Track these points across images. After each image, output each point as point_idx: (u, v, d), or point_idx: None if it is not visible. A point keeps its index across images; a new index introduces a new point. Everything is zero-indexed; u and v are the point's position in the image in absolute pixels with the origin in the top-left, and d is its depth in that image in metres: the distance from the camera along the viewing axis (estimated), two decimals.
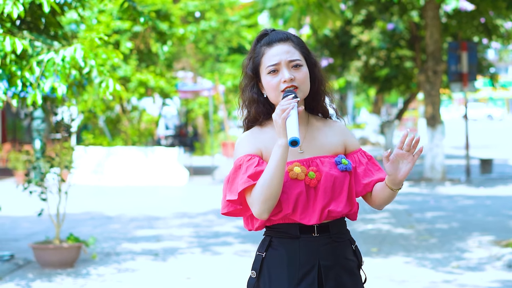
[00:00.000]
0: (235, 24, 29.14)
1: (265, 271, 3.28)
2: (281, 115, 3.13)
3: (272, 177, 3.13)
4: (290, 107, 3.13)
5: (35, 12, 8.31)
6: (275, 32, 3.36)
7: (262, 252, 3.31)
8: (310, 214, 3.24)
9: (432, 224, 12.25)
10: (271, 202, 3.16)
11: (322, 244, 3.26)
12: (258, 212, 3.17)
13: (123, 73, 20.62)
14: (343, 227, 3.35)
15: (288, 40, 3.32)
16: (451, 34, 23.96)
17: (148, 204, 15.64)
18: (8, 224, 12.81)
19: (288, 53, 3.28)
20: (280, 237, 3.28)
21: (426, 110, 19.87)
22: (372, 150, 35.55)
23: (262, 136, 3.32)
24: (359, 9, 23.18)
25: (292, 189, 3.21)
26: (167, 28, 20.90)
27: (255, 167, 3.21)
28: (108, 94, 7.89)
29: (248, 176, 3.18)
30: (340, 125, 3.44)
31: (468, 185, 18.51)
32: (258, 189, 3.15)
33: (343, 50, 27.13)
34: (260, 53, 3.33)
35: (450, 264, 9.04)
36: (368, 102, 54.83)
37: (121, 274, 8.74)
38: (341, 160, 3.30)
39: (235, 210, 3.29)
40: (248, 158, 3.25)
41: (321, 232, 3.27)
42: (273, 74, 3.27)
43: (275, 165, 3.13)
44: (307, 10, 12.29)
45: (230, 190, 3.25)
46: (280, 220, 3.27)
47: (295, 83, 3.26)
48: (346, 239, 3.35)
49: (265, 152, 3.28)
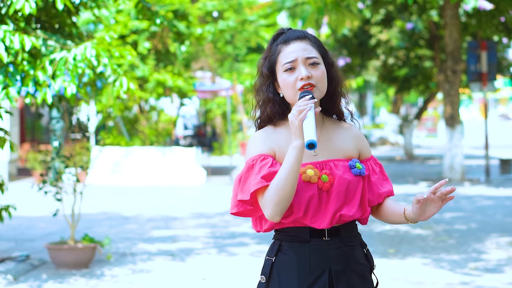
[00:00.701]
0: (254, 24, 29.08)
1: (275, 276, 3.21)
2: (298, 116, 3.03)
3: (286, 179, 3.04)
4: (308, 108, 3.04)
5: (49, 11, 8.30)
6: (292, 30, 3.29)
7: (272, 256, 3.23)
8: (322, 218, 3.16)
9: (451, 225, 12.14)
10: (284, 205, 3.07)
11: (333, 248, 3.19)
12: (271, 214, 3.09)
13: (141, 73, 20.62)
14: (354, 231, 3.28)
15: (306, 38, 3.25)
16: (471, 33, 23.79)
17: (166, 204, 15.62)
18: (24, 224, 12.82)
19: (305, 51, 3.20)
20: (290, 241, 3.20)
21: (445, 110, 19.72)
22: (391, 150, 35.41)
23: (276, 136, 3.23)
24: (378, 8, 23.07)
25: (304, 192, 3.13)
26: (184, 28, 20.89)
27: (268, 167, 3.12)
28: (123, 93, 7.86)
29: (261, 176, 3.09)
30: (355, 129, 3.37)
31: (487, 186, 18.36)
32: (271, 191, 3.06)
33: (362, 49, 27.01)
34: (276, 52, 3.25)
35: (468, 266, 8.93)
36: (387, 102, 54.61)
37: (135, 275, 8.70)
38: (355, 164, 3.23)
39: (245, 211, 3.21)
40: (261, 158, 3.16)
41: (332, 236, 3.19)
42: (289, 72, 3.19)
43: (289, 166, 3.04)
44: (324, 10, 12.22)
45: (242, 190, 3.17)
46: (291, 224, 3.19)
47: (312, 81, 3.17)
48: (358, 242, 3.28)
49: (278, 152, 3.20)
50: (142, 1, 8.88)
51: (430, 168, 24.16)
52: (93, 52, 7.30)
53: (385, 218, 3.32)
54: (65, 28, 8.60)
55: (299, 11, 24.93)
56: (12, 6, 7.21)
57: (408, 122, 29.36)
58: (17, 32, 7.24)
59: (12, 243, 10.88)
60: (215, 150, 31.80)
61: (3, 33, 7.23)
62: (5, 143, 8.08)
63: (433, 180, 19.51)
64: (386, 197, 3.33)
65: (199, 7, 24.05)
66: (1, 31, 7.24)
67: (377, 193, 3.29)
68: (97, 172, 20.08)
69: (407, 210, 3.18)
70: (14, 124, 21.79)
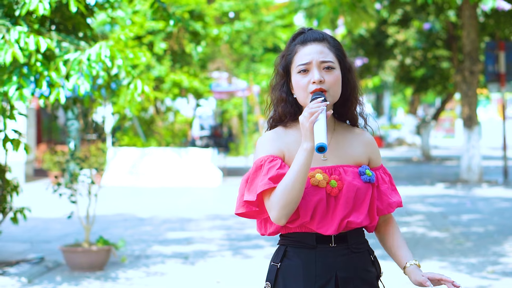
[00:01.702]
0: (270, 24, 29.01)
1: (280, 283, 3.15)
2: (309, 118, 2.98)
3: (294, 181, 2.98)
4: (319, 110, 2.98)
5: (64, 13, 8.27)
6: (311, 31, 3.22)
7: (277, 262, 3.18)
8: (328, 224, 3.10)
9: (468, 227, 12.03)
10: (291, 208, 3.01)
11: (340, 255, 3.13)
12: (277, 217, 3.03)
13: (157, 73, 20.61)
14: (361, 237, 3.22)
15: (324, 41, 3.19)
16: (489, 33, 23.63)
17: (181, 206, 15.58)
18: (40, 226, 12.81)
19: (321, 53, 3.14)
20: (296, 247, 3.15)
21: (462, 110, 19.59)
22: (408, 151, 35.27)
23: (286, 138, 3.18)
24: (395, 8, 22.97)
25: (312, 196, 3.07)
26: (201, 28, 20.86)
27: (277, 169, 3.06)
28: (137, 96, 7.83)
29: (269, 178, 3.04)
30: (367, 136, 3.30)
31: (505, 187, 18.22)
32: (278, 193, 3.00)
33: (379, 49, 26.90)
34: (293, 51, 3.20)
35: (486, 269, 8.83)
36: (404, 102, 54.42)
37: (150, 277, 8.66)
38: (365, 171, 3.17)
39: (250, 212, 3.16)
40: (270, 159, 3.11)
41: (339, 242, 3.14)
42: (303, 74, 3.13)
43: (298, 169, 2.98)
44: (340, 10, 12.14)
45: (249, 190, 3.11)
46: (297, 229, 3.13)
47: (324, 85, 3.11)
48: (365, 249, 3.22)
49: (287, 154, 3.14)
50: (158, 1, 8.84)
51: (447, 169, 24.02)
52: (108, 52, 7.27)
53: (380, 239, 3.32)
54: (80, 30, 8.57)
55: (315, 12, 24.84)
56: (25, 7, 7.18)
57: (426, 122, 29.23)
58: (32, 33, 7.22)
59: (27, 245, 10.87)
60: (231, 150, 31.77)
61: (18, 34, 7.21)
62: (20, 145, 8.07)
63: (450, 182, 19.38)
64: (393, 224, 3.31)
65: (216, 8, 24.01)
66: (16, 32, 7.22)
67: (387, 203, 3.23)
68: (113, 173, 20.10)
69: (408, 268, 3.19)
70: (30, 125, 21.83)
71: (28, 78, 7.30)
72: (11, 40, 7.13)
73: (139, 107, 21.18)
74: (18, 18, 7.60)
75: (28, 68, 7.32)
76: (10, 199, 9.19)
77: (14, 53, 7.02)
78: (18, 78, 7.25)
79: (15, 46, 7.08)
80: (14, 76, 7.25)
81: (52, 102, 7.37)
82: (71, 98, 9.11)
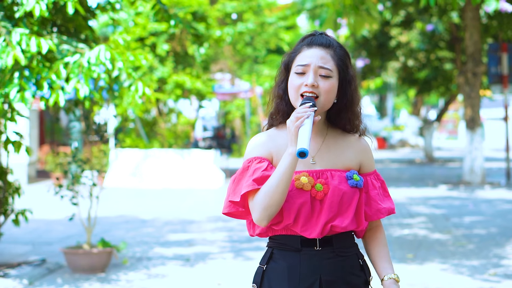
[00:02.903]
0: (273, 26, 29.02)
1: (266, 284, 3.18)
2: (295, 122, 2.99)
3: (278, 184, 3.01)
4: (305, 115, 3.00)
5: (65, 15, 8.27)
6: (321, 36, 3.22)
7: (263, 264, 3.21)
8: (312, 227, 3.11)
9: (470, 229, 12.01)
10: (273, 210, 3.04)
11: (325, 258, 3.14)
12: (258, 218, 3.06)
13: (160, 74, 20.62)
14: (348, 241, 3.21)
15: (330, 48, 3.18)
16: (492, 35, 23.59)
17: (183, 207, 15.58)
18: (42, 227, 12.81)
19: (321, 59, 3.14)
20: (281, 249, 3.17)
21: (465, 112, 19.57)
22: (411, 153, 35.24)
23: (276, 140, 3.19)
24: (398, 10, 22.94)
25: (296, 199, 3.09)
26: (203, 30, 20.86)
27: (262, 171, 3.09)
28: (138, 98, 7.83)
29: (253, 179, 3.07)
30: (361, 142, 3.29)
31: (508, 189, 18.19)
32: (261, 195, 3.04)
33: (382, 51, 26.88)
34: (297, 51, 3.20)
35: (487, 272, 8.81)
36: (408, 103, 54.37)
37: (150, 280, 8.65)
38: (352, 175, 3.17)
39: (237, 212, 3.19)
40: (257, 160, 3.14)
41: (324, 246, 3.14)
42: (299, 75, 3.14)
43: (282, 172, 3.01)
44: (343, 12, 12.13)
45: (234, 191, 3.14)
46: (282, 231, 3.16)
47: (317, 91, 3.11)
48: (353, 253, 3.22)
49: (276, 156, 3.16)
50: (159, 3, 8.84)
51: (450, 171, 24.00)
52: (108, 55, 7.27)
53: (365, 248, 3.34)
54: (81, 32, 8.57)
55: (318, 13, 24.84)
56: (22, 8, 7.18)
57: (428, 124, 29.20)
58: (33, 35, 7.22)
59: (29, 247, 10.87)
60: (234, 152, 31.77)
61: (20, 36, 7.21)
62: (21, 147, 8.07)
63: (453, 184, 19.36)
64: (380, 232, 3.32)
65: (218, 9, 24.02)
66: (18, 34, 7.22)
67: (376, 208, 3.23)
68: (116, 175, 20.10)
69: (385, 282, 3.22)
70: (33, 126, 21.84)
71: (29, 80, 7.30)
72: (13, 42, 7.13)
73: (142, 108, 21.18)
74: (18, 20, 7.60)
75: (29, 71, 7.32)
76: (11, 201, 9.20)
77: (16, 55, 7.02)
78: (19, 80, 7.25)
79: (16, 48, 7.08)
80: (15, 78, 7.25)
81: (52, 105, 7.37)
82: (72, 100, 9.11)
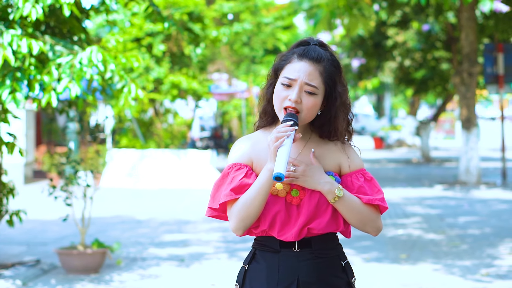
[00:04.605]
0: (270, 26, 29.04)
1: (247, 284, 3.26)
2: (274, 142, 3.06)
3: (254, 198, 3.09)
4: (286, 136, 3.06)
5: (59, 17, 8.30)
6: (314, 47, 3.22)
7: (246, 264, 3.29)
8: (289, 231, 3.16)
9: (464, 229, 12.04)
10: (249, 222, 3.14)
11: (303, 259, 3.19)
12: (234, 228, 3.16)
13: (156, 75, 20.63)
14: (330, 243, 3.25)
15: (320, 63, 3.19)
16: (488, 35, 23.61)
17: (179, 208, 15.60)
18: (38, 228, 12.83)
19: (309, 75, 3.16)
20: (262, 250, 3.24)
21: (461, 112, 19.60)
22: (408, 152, 35.26)
23: (259, 145, 3.24)
24: (394, 10, 22.96)
25: (271, 206, 3.16)
26: (199, 30, 20.88)
27: (240, 179, 3.16)
28: (131, 100, 7.85)
29: (231, 189, 3.15)
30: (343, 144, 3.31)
31: (503, 189, 18.21)
32: (238, 206, 3.13)
33: (378, 51, 26.89)
34: (288, 59, 3.23)
35: (479, 272, 8.85)
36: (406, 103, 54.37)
37: (144, 280, 8.68)
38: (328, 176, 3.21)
39: (219, 216, 3.28)
40: (237, 167, 3.20)
41: (303, 247, 3.20)
42: (285, 87, 3.18)
43: (259, 187, 3.09)
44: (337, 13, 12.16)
45: (213, 197, 3.23)
46: (263, 233, 3.22)
47: (299, 107, 3.16)
48: (334, 255, 3.26)
49: (256, 162, 3.22)
50: (152, 4, 8.87)
51: (446, 171, 24.03)
52: (99, 56, 7.29)
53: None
54: (75, 34, 8.60)
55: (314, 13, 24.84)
56: (18, 12, 7.21)
57: (425, 124, 29.22)
58: (24, 37, 7.25)
59: (24, 247, 10.90)
60: None
61: (11, 37, 7.24)
62: (14, 148, 8.10)
63: (449, 183, 19.39)
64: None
65: (216, 9, 24.04)
66: (9, 35, 7.25)
67: None
68: (112, 175, 20.12)
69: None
70: (30, 126, 21.85)
71: (21, 81, 7.33)
72: (4, 43, 7.16)
73: (139, 109, 21.20)
74: (12, 21, 7.63)
75: (22, 72, 7.35)
76: (6, 201, 9.22)
77: (5, 56, 7.05)
78: (11, 82, 7.28)
79: (7, 49, 7.12)
80: (8, 80, 7.28)
81: (44, 106, 7.40)
82: (66, 101, 9.14)
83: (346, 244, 10.64)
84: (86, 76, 7.36)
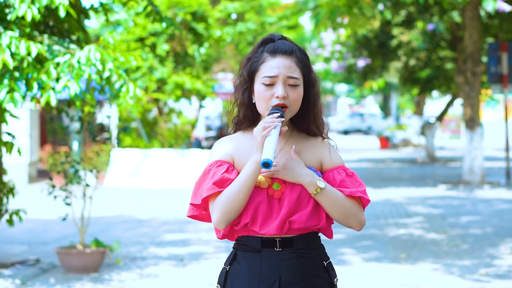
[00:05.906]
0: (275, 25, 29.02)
1: (229, 285, 3.25)
2: (261, 132, 3.07)
3: (239, 191, 3.09)
4: (273, 126, 3.07)
5: (57, 16, 8.30)
6: (282, 41, 3.25)
7: (227, 265, 3.28)
8: (271, 224, 3.16)
9: (466, 229, 12.02)
10: (232, 215, 3.12)
11: (285, 259, 3.19)
12: (217, 221, 3.14)
13: (159, 75, 20.64)
14: (311, 243, 3.25)
15: (293, 55, 3.22)
16: (492, 34, 23.56)
17: (182, 207, 15.60)
18: (39, 227, 12.85)
19: (289, 69, 3.19)
20: (244, 251, 3.23)
21: (464, 112, 19.57)
22: (413, 152, 35.21)
23: (239, 144, 3.25)
24: (399, 9, 22.92)
25: (253, 198, 3.15)
26: (203, 30, 20.89)
27: (222, 173, 3.16)
28: (129, 99, 7.86)
29: (213, 182, 3.14)
30: (322, 141, 3.32)
31: (507, 189, 18.18)
32: (222, 199, 3.12)
33: (383, 50, 26.87)
34: (260, 59, 3.23)
35: (479, 272, 8.83)
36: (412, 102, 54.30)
37: (142, 280, 8.68)
38: None
39: (201, 215, 3.26)
40: (218, 164, 3.20)
41: (284, 247, 3.19)
42: (267, 86, 3.18)
43: (244, 179, 3.09)
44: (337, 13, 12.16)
45: (195, 194, 3.22)
46: (244, 232, 3.21)
47: (287, 101, 3.17)
48: (316, 255, 3.26)
49: (237, 159, 3.22)
50: (151, 4, 8.87)
51: (450, 171, 23.99)
52: (98, 55, 7.30)
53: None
54: (73, 33, 8.61)
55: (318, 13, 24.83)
56: (14, 13, 7.22)
57: (430, 123, 29.18)
58: (23, 39, 7.26)
59: (25, 247, 10.92)
60: None
61: (9, 39, 7.25)
62: (13, 148, 8.11)
63: (453, 183, 19.36)
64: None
65: (220, 10, 24.04)
66: (7, 37, 7.26)
67: None
68: (116, 175, 20.14)
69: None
70: (34, 126, 21.88)
71: (20, 81, 7.34)
72: (3, 45, 7.17)
73: (141, 109, 21.20)
74: (10, 22, 7.64)
75: (20, 72, 7.36)
76: (6, 201, 9.24)
77: (4, 59, 7.06)
78: (9, 82, 7.29)
79: (6, 51, 7.13)
80: (5, 80, 7.29)
81: (43, 105, 7.41)
82: (65, 101, 9.15)
83: (346, 243, 10.64)
84: (85, 75, 7.37)
